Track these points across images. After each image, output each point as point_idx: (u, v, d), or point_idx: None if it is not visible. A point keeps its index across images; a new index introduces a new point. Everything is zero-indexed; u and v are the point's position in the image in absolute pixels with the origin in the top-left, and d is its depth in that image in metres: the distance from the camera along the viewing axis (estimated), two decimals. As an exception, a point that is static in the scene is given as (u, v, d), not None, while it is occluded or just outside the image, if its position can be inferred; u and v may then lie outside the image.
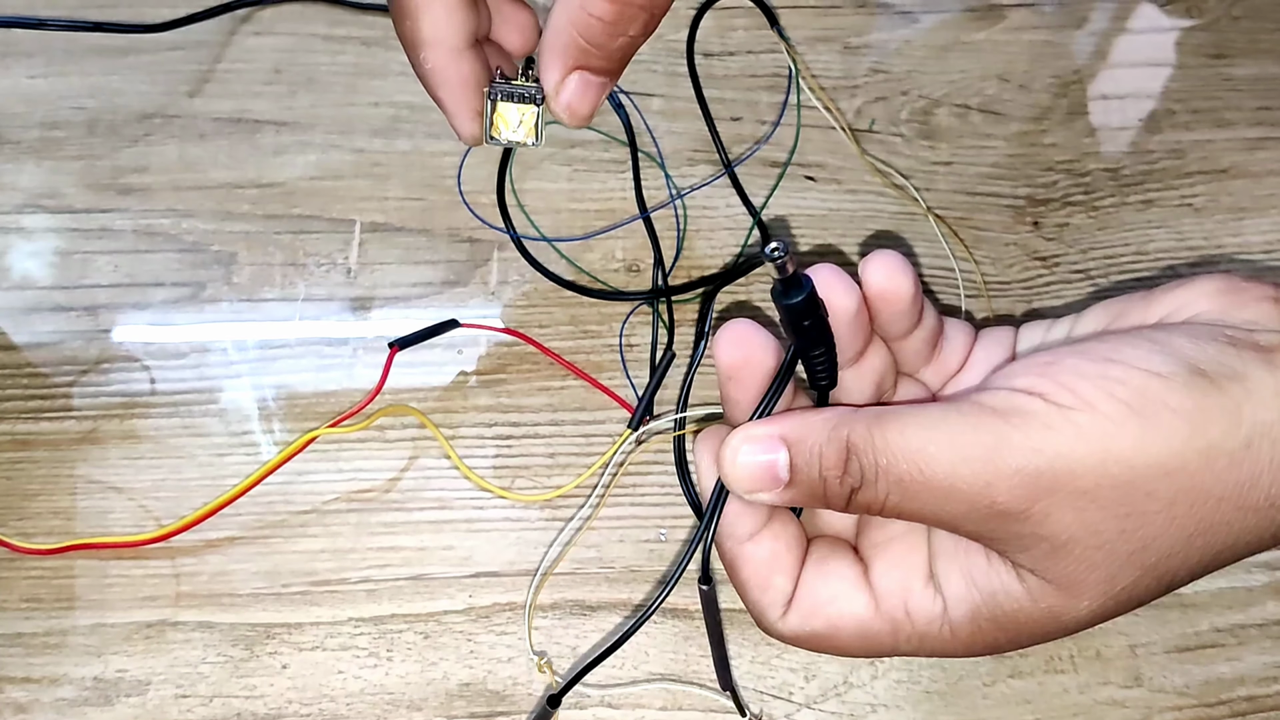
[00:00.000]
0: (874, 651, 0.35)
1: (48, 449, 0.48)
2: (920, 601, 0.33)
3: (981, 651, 0.33)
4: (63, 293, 0.51)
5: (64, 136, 0.54)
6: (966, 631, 0.33)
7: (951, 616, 0.33)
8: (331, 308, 0.51)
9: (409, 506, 0.48)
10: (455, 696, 0.45)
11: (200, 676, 0.45)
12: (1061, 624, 0.32)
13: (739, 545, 0.35)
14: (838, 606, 0.34)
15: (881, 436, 0.30)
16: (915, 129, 0.55)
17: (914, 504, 0.30)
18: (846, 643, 0.34)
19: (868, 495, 0.31)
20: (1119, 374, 0.30)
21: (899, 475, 0.30)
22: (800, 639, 0.35)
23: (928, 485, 0.30)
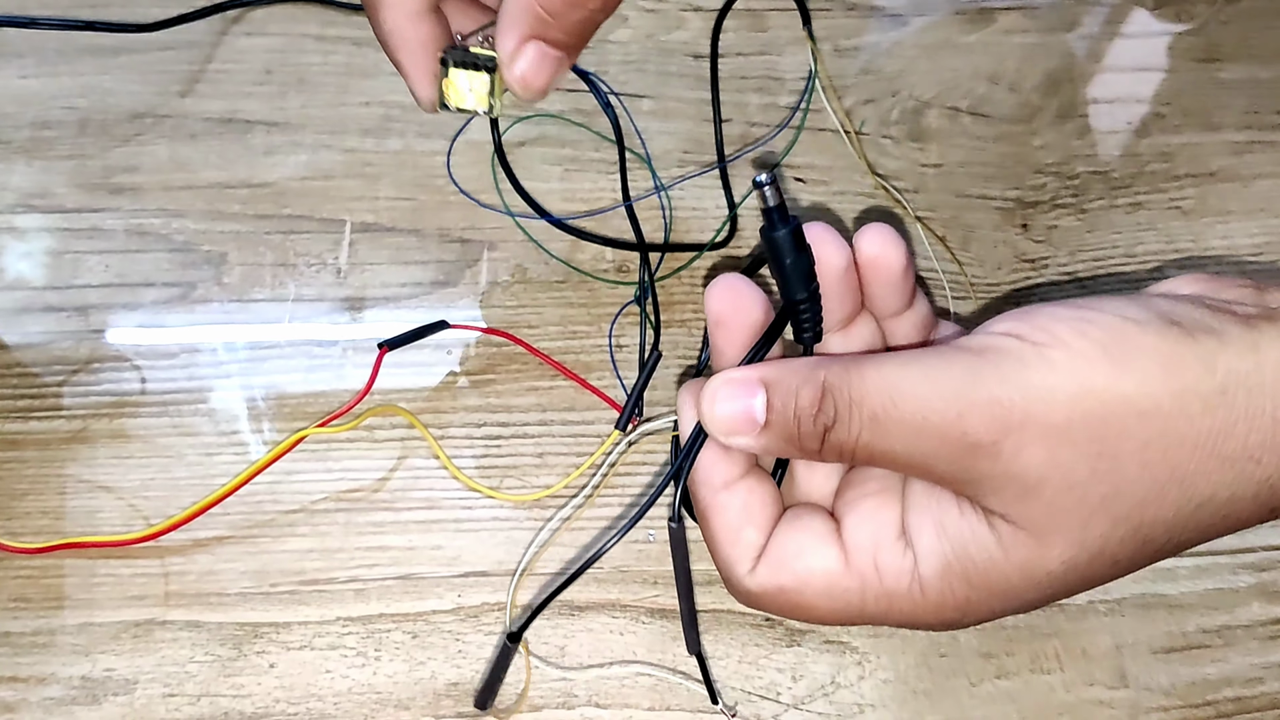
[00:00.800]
0: (841, 613, 0.33)
1: (37, 448, 0.48)
2: (890, 556, 0.33)
3: (951, 616, 0.32)
4: (53, 293, 0.51)
5: (55, 136, 0.54)
6: (936, 589, 0.32)
7: (921, 572, 0.32)
8: (321, 308, 0.51)
9: (397, 506, 0.48)
10: (443, 696, 0.45)
11: (188, 676, 0.45)
12: (1035, 580, 0.31)
13: (713, 494, 0.34)
14: (806, 560, 0.33)
15: (858, 374, 0.31)
16: (905, 130, 0.56)
17: (886, 441, 0.30)
18: (813, 601, 0.33)
19: (840, 434, 0.31)
20: (1094, 317, 0.30)
21: (872, 409, 0.30)
22: (767, 595, 0.34)
23: (900, 419, 0.30)
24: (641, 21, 0.58)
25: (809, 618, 0.34)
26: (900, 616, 0.33)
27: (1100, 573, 0.31)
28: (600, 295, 0.52)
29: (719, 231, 0.53)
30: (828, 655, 0.46)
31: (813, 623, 0.35)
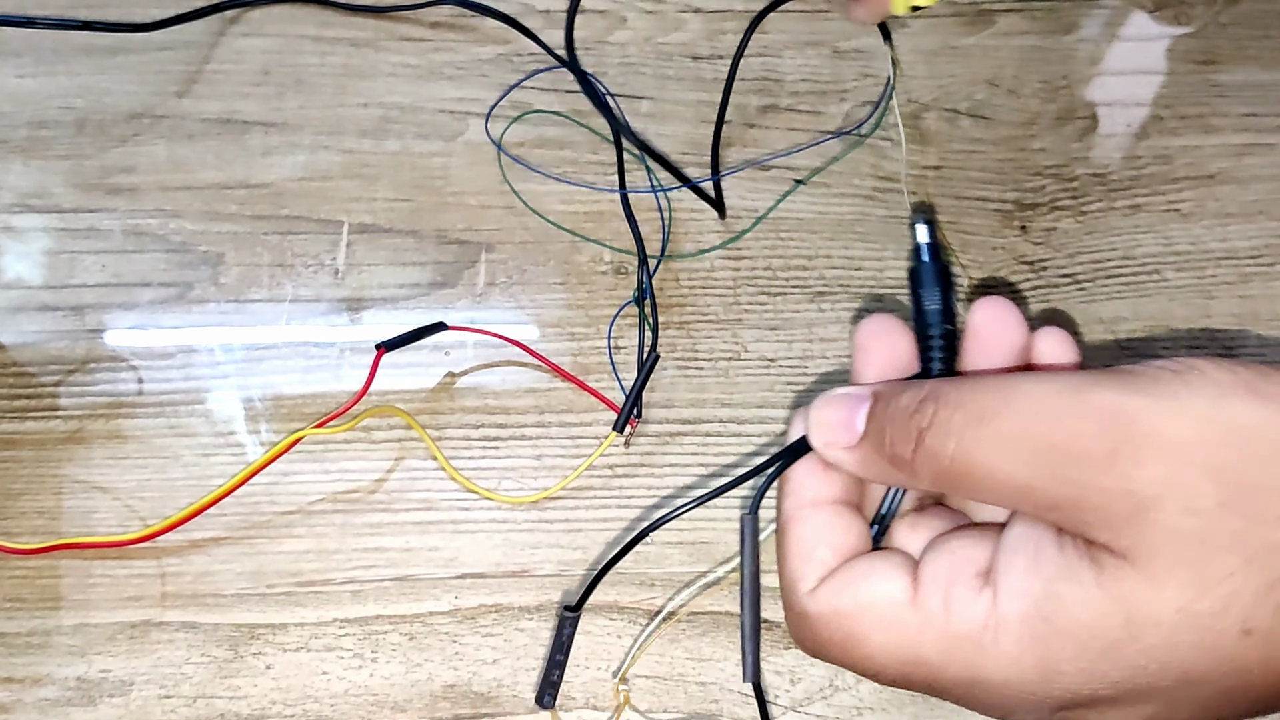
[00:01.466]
0: (895, 653, 0.30)
1: (33, 448, 0.48)
2: (964, 593, 0.29)
3: (1029, 676, 0.28)
4: (49, 292, 0.51)
5: (52, 136, 0.54)
6: (1013, 636, 0.27)
7: (1000, 613, 0.28)
8: (319, 309, 0.51)
9: (395, 507, 0.48)
10: (440, 698, 0.44)
11: (184, 677, 0.45)
12: (1139, 631, 0.26)
13: (798, 507, 0.33)
14: (871, 584, 0.30)
15: (970, 381, 0.29)
16: (904, 133, 0.55)
17: (986, 448, 0.27)
18: (867, 631, 0.30)
19: (936, 438, 0.28)
20: (1239, 363, 0.27)
21: (978, 409, 0.28)
22: (821, 619, 0.31)
23: (1007, 419, 0.27)
24: (640, 23, 0.58)
25: (860, 657, 0.30)
26: (962, 669, 0.29)
27: (1227, 642, 0.26)
28: (598, 297, 0.52)
29: (746, 229, 0.53)
30: (826, 658, 0.45)
31: (863, 668, 0.31)
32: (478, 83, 0.56)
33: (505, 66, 0.56)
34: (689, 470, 0.48)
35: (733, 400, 0.50)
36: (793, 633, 0.33)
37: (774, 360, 0.50)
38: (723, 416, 0.49)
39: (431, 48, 0.57)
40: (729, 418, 0.49)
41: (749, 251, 0.53)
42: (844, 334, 0.51)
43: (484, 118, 0.55)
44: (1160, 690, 0.27)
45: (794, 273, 0.52)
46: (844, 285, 0.52)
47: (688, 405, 0.50)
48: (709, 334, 0.51)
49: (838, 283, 0.52)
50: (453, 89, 0.56)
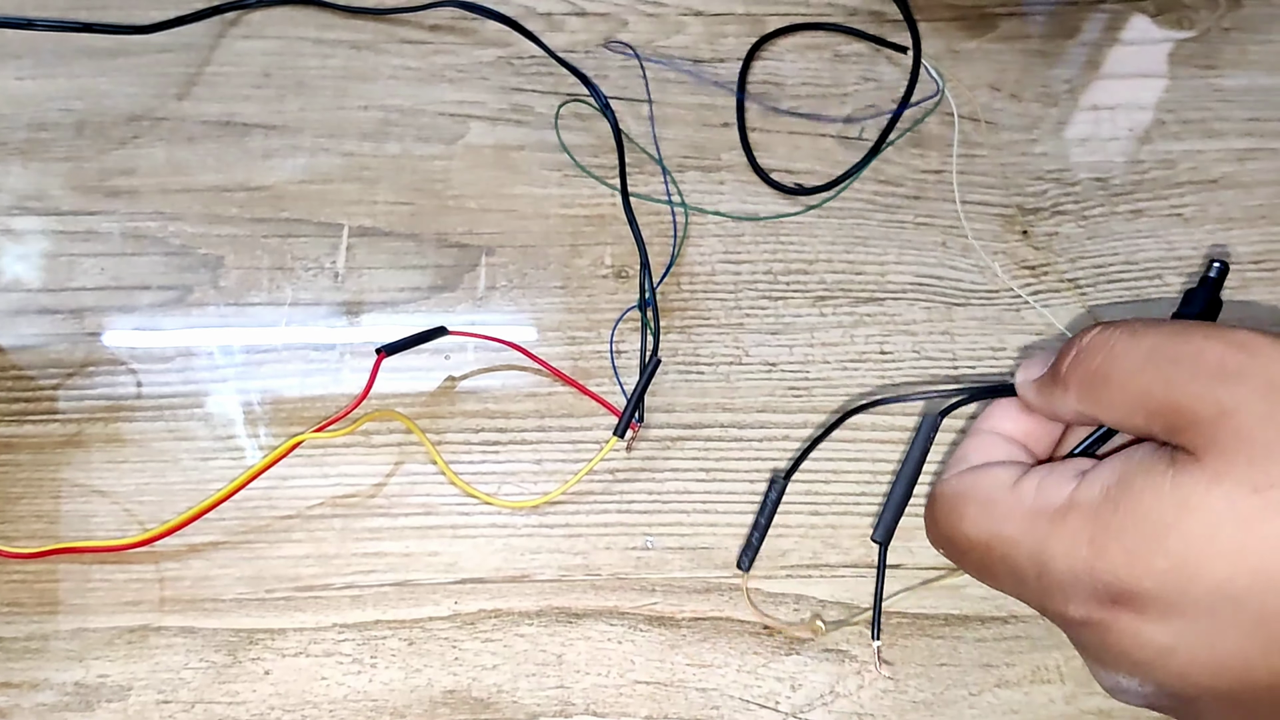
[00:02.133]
0: (985, 529, 0.33)
1: (31, 452, 0.48)
2: (1055, 482, 0.32)
3: (1084, 548, 0.30)
4: (49, 295, 0.51)
5: (51, 138, 0.54)
6: (1081, 514, 0.30)
7: (1078, 495, 0.31)
8: (319, 312, 0.51)
9: (394, 512, 0.47)
10: (439, 704, 0.44)
11: (182, 682, 0.44)
12: (1188, 511, 0.28)
13: (980, 428, 0.37)
14: (987, 473, 0.34)
15: (1127, 319, 0.33)
16: (906, 137, 0.55)
17: (1122, 359, 0.31)
18: (969, 507, 0.34)
19: (1090, 352, 0.32)
20: None
21: (1128, 329, 0.31)
22: (941, 498, 0.35)
23: (1148, 337, 0.31)
24: (641, 26, 0.58)
25: (958, 530, 0.34)
26: (1033, 545, 0.31)
27: (1267, 550, 0.28)
28: (599, 301, 0.51)
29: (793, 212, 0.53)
30: (827, 664, 0.45)
31: (958, 543, 0.34)
32: (478, 85, 0.56)
33: (506, 69, 0.56)
34: (690, 475, 0.48)
35: (734, 405, 0.49)
36: (926, 521, 0.37)
37: (775, 365, 0.50)
38: (724, 421, 0.49)
39: (432, 50, 0.57)
40: (730, 422, 0.49)
41: (749, 256, 0.53)
42: (845, 339, 0.51)
43: (485, 120, 0.55)
44: (1198, 603, 0.28)
45: (795, 277, 0.52)
46: (845, 290, 0.52)
47: (689, 410, 0.49)
48: (710, 338, 0.51)
49: (839, 287, 0.52)
50: (453, 92, 0.56)
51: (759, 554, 0.46)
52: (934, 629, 0.46)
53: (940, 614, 0.46)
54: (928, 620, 0.46)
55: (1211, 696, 0.30)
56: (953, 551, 0.35)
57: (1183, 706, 0.31)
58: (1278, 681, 0.29)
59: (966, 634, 0.46)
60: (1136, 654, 0.30)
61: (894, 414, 0.49)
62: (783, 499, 0.46)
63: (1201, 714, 0.31)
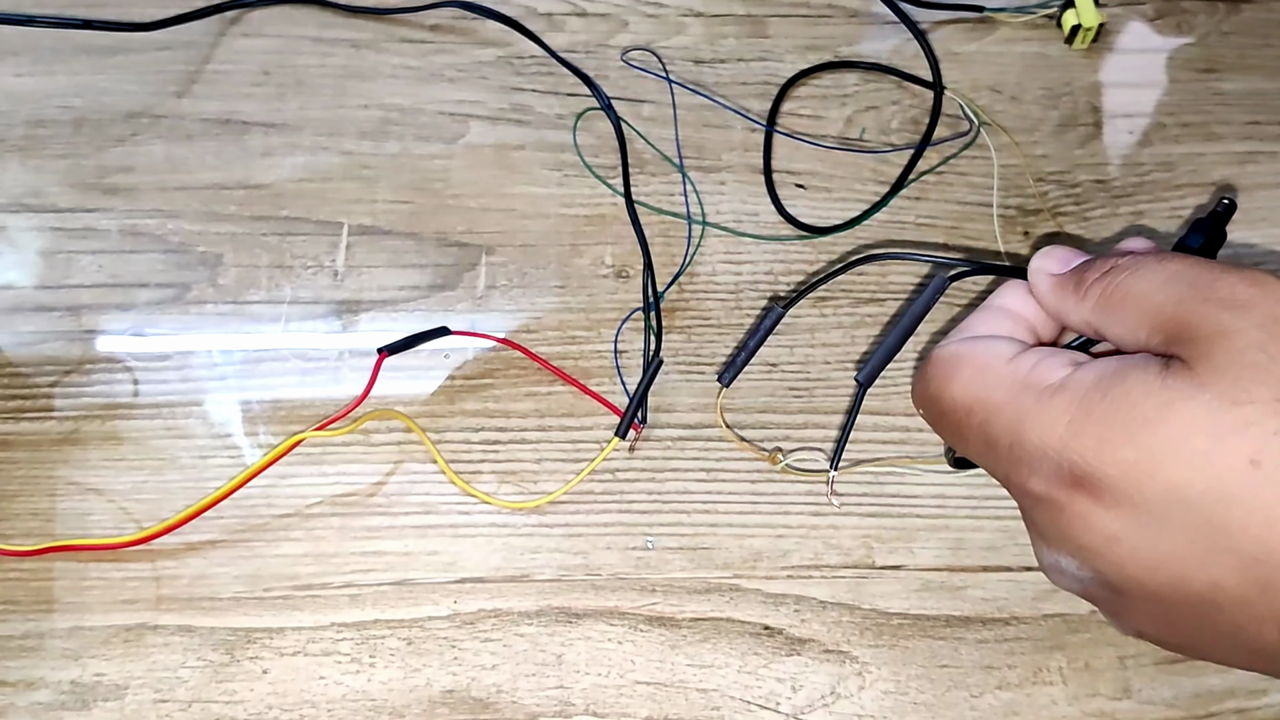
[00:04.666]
0: (973, 393, 0.34)
1: (28, 449, 0.48)
2: (1052, 364, 0.33)
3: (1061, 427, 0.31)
4: (46, 293, 0.51)
5: (49, 135, 0.54)
6: (1068, 397, 0.32)
7: (1071, 378, 0.32)
8: (318, 311, 0.51)
9: (393, 511, 0.47)
10: (438, 704, 0.44)
11: (179, 681, 0.44)
12: (1167, 409, 0.30)
13: (990, 304, 0.38)
14: (988, 343, 0.36)
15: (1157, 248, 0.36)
16: (906, 138, 0.55)
17: (1144, 279, 0.33)
18: (962, 373, 0.35)
19: (1117, 271, 0.34)
20: None
21: (1157, 255, 0.33)
22: (938, 361, 0.36)
23: (1175, 263, 0.32)
24: (642, 27, 0.58)
25: (946, 390, 0.35)
26: (1013, 416, 0.33)
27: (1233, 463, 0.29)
28: (599, 300, 0.51)
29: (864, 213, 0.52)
30: (828, 665, 0.45)
31: (944, 402, 0.35)
32: (478, 85, 0.56)
33: (505, 69, 0.56)
34: (690, 475, 0.48)
35: (734, 405, 0.49)
36: (915, 376, 0.38)
37: (776, 365, 0.50)
38: (725, 421, 0.49)
39: (432, 50, 0.56)
40: (731, 422, 0.49)
41: (750, 257, 0.52)
42: (845, 339, 0.51)
43: (485, 120, 0.55)
44: (1151, 500, 0.30)
45: (795, 277, 0.52)
46: (845, 290, 0.52)
47: (690, 410, 0.49)
48: (711, 339, 0.51)
49: (839, 288, 0.52)
50: (453, 91, 0.56)
51: (740, 373, 0.47)
52: (935, 630, 0.46)
53: (941, 615, 0.46)
54: (929, 621, 0.46)
55: (1142, 592, 0.31)
56: (933, 411, 0.36)
57: (1112, 598, 0.33)
58: (1206, 592, 0.30)
59: (968, 635, 0.46)
60: (1083, 537, 0.32)
61: (895, 414, 0.49)
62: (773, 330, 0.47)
63: (1127, 608, 0.33)
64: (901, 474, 0.48)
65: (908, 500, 0.48)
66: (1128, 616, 0.33)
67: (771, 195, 0.53)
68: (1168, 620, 0.32)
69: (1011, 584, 0.47)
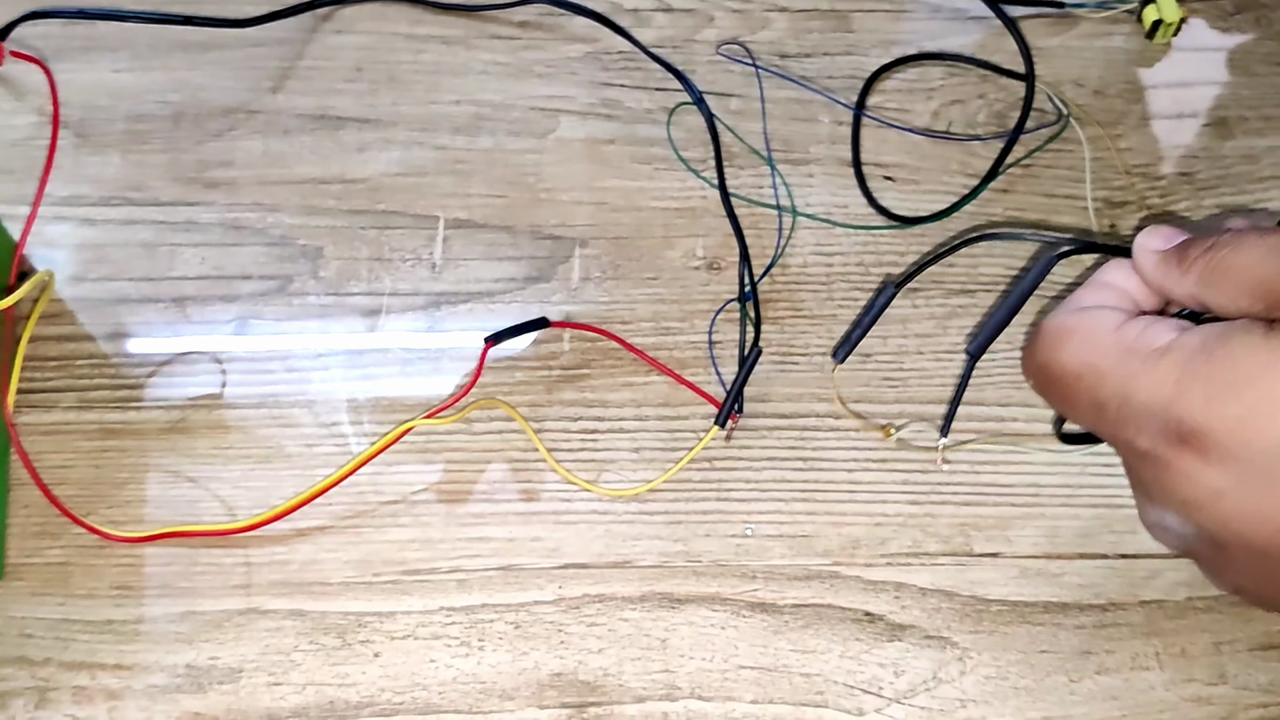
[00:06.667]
0: (1080, 359, 0.35)
1: (136, 438, 0.49)
2: (1158, 329, 0.34)
3: (1167, 387, 0.33)
4: (150, 284, 0.52)
5: (149, 130, 0.55)
6: (1174, 359, 0.33)
7: (1177, 342, 0.33)
8: (417, 302, 0.52)
9: (497, 498, 0.48)
10: (546, 686, 0.45)
11: (293, 664, 0.45)
12: (1273, 371, 0.31)
13: (1098, 279, 0.39)
14: (1097, 312, 0.37)
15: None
16: (991, 131, 0.56)
17: (1247, 253, 0.33)
18: (1071, 342, 0.36)
19: (1221, 247, 0.34)
20: None
21: (1261, 233, 0.33)
22: (1048, 332, 0.37)
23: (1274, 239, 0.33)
24: (727, 21, 0.58)
25: (1055, 357, 0.36)
26: (1121, 380, 0.34)
27: None
28: (692, 292, 0.52)
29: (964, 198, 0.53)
30: (929, 651, 0.46)
31: (1053, 369, 0.36)
32: (567, 80, 0.57)
33: (594, 64, 0.57)
34: (787, 464, 0.49)
35: (829, 395, 0.50)
36: (1024, 349, 0.39)
37: (870, 355, 0.51)
38: (820, 411, 0.50)
39: (521, 46, 0.57)
40: (826, 412, 0.50)
41: (840, 248, 0.53)
42: (938, 329, 0.51)
43: (575, 115, 0.56)
44: (1256, 455, 0.31)
45: (887, 268, 0.53)
46: (936, 281, 0.52)
47: (784, 400, 0.50)
48: (804, 329, 0.51)
49: (930, 279, 0.52)
50: (543, 86, 0.56)
51: (854, 350, 0.48)
52: (1034, 616, 0.47)
53: (1040, 601, 0.47)
54: (1027, 607, 0.47)
55: (1244, 546, 0.32)
56: (1043, 379, 0.37)
57: (1215, 553, 0.34)
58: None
59: (1066, 621, 0.46)
60: (1188, 492, 0.32)
61: (989, 404, 0.50)
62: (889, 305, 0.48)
63: (1229, 564, 0.34)
64: (997, 463, 0.49)
65: (1003, 488, 0.48)
66: (1228, 572, 0.34)
67: (861, 185, 0.54)
68: (1268, 575, 0.33)
69: (1108, 570, 0.47)
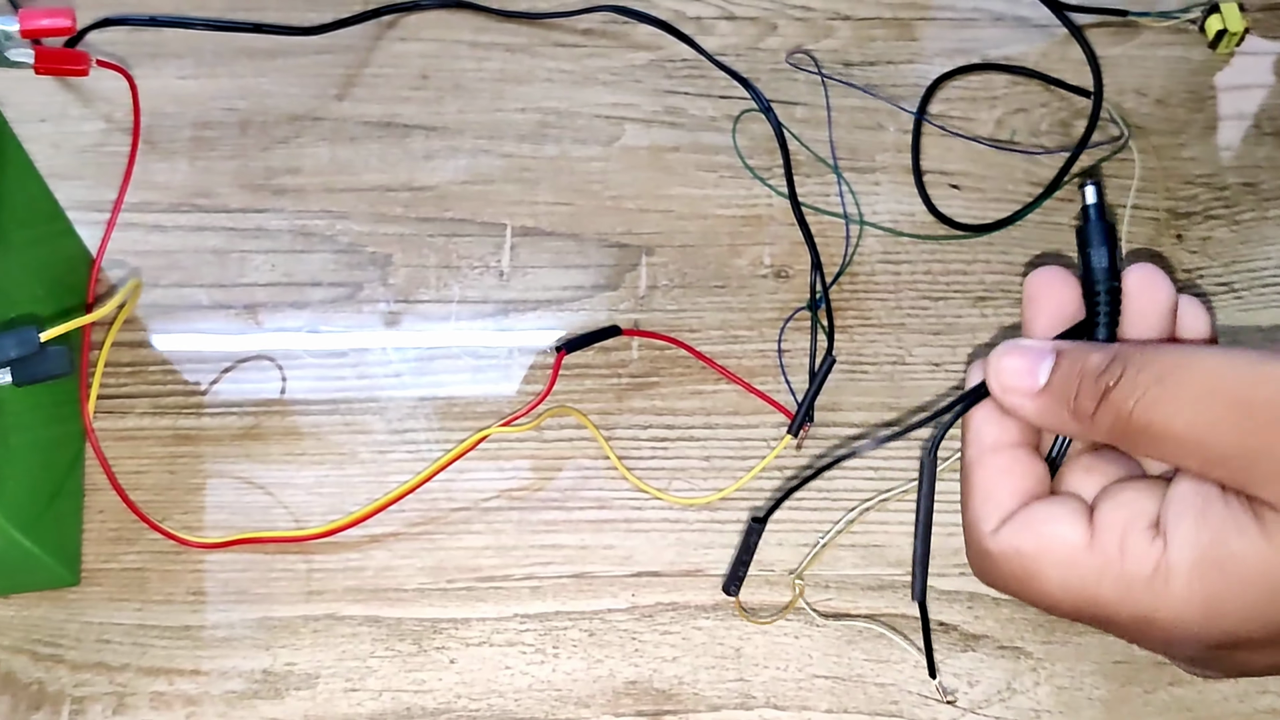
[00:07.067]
0: (1073, 591, 0.32)
1: (210, 444, 0.49)
2: (1138, 540, 0.31)
3: (1194, 615, 0.30)
4: (222, 290, 0.52)
5: (216, 137, 0.55)
6: (1183, 580, 0.30)
7: (1170, 559, 0.30)
8: (485, 310, 0.52)
9: (568, 505, 0.48)
10: (622, 694, 0.45)
11: (369, 670, 0.45)
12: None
13: (980, 453, 0.35)
14: (1052, 528, 0.32)
15: (1154, 346, 0.32)
16: (1055, 140, 0.56)
17: (1167, 405, 0.30)
18: (1047, 571, 0.32)
19: (1122, 392, 0.30)
20: None
21: (1161, 369, 0.30)
22: (1003, 557, 0.33)
23: (1189, 381, 0.30)
24: (791, 30, 0.58)
25: (1038, 592, 0.33)
26: (1135, 608, 0.31)
27: None
28: (760, 300, 0.52)
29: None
30: (1003, 661, 0.46)
31: (1039, 603, 0.33)
32: (632, 88, 0.57)
33: (658, 72, 0.57)
34: (858, 473, 0.49)
35: (899, 404, 0.50)
36: (973, 567, 0.35)
37: (939, 365, 0.51)
38: (890, 420, 0.50)
39: (585, 53, 0.57)
40: (896, 421, 0.50)
41: (908, 256, 0.53)
42: (1006, 337, 0.51)
43: (640, 122, 0.56)
44: None
45: (954, 277, 0.53)
46: (1005, 291, 0.52)
47: (854, 409, 0.50)
48: (872, 338, 0.51)
49: (998, 288, 0.52)
50: (607, 94, 0.57)
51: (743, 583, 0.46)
52: (1108, 627, 0.47)
53: (1113, 612, 0.47)
54: (1101, 618, 0.47)
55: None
56: (1029, 601, 0.34)
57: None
58: None
59: (1140, 632, 0.46)
60: (1247, 670, 0.32)
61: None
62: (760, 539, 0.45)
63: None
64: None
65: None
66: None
67: (922, 193, 0.54)
68: None
69: (1181, 582, 0.47)
